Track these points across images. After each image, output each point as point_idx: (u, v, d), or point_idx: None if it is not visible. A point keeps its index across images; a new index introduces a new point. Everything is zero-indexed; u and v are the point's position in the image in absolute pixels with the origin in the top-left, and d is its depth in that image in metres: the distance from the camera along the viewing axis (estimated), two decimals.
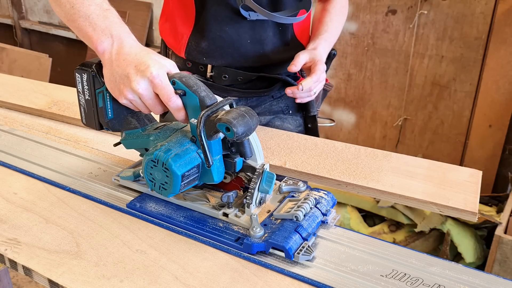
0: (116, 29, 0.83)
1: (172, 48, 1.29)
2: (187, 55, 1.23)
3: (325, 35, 1.22)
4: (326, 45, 1.21)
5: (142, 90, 0.79)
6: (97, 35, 0.83)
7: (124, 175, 0.92)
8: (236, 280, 0.71)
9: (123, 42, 0.82)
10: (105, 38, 0.83)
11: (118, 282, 0.70)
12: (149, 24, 3.52)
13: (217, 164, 0.79)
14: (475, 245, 2.21)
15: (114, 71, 0.81)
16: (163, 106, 0.82)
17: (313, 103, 1.28)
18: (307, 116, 1.31)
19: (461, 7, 2.37)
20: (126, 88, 0.80)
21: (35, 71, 3.72)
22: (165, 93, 0.78)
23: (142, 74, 0.78)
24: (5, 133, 1.17)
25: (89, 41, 0.85)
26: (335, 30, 1.27)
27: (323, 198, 0.85)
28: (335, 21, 1.27)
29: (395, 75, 2.66)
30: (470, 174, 1.00)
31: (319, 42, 1.20)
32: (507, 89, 2.32)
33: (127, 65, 0.80)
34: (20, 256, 0.75)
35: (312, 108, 1.29)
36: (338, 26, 1.28)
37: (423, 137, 2.70)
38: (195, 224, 0.81)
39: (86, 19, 0.85)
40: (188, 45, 1.22)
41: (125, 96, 0.81)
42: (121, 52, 0.81)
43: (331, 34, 1.24)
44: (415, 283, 0.70)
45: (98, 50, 0.84)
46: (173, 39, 1.26)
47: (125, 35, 0.84)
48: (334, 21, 1.26)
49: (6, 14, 4.46)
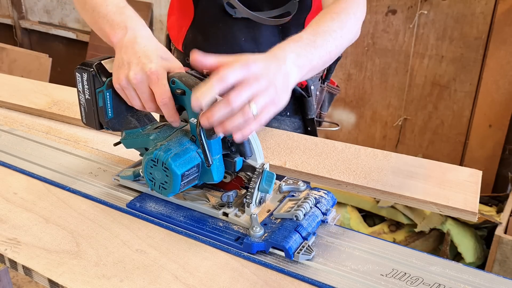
0: (131, 22, 0.85)
1: (174, 41, 1.30)
2: (184, 48, 1.24)
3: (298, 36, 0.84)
4: (294, 45, 0.81)
5: (137, 81, 0.78)
6: (113, 29, 0.86)
7: (124, 175, 0.92)
8: (236, 280, 0.71)
9: (136, 33, 0.83)
10: (119, 30, 0.85)
11: (118, 282, 0.70)
12: (149, 24, 3.52)
13: (217, 164, 0.79)
14: (475, 245, 2.22)
15: (121, 57, 0.81)
16: (156, 104, 0.81)
17: (311, 105, 1.26)
18: (305, 119, 1.29)
19: (461, 7, 2.37)
20: (123, 75, 0.80)
21: (35, 71, 3.72)
22: (159, 91, 0.78)
23: (142, 66, 0.78)
24: (5, 133, 1.17)
25: (107, 38, 0.87)
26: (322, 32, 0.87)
27: (323, 198, 0.85)
28: (322, 23, 0.90)
29: (395, 75, 2.66)
30: (470, 174, 1.00)
31: (280, 44, 0.81)
32: (507, 89, 2.32)
33: (133, 53, 0.80)
34: (20, 256, 0.75)
35: (310, 110, 1.27)
36: (328, 29, 0.88)
37: (423, 137, 2.70)
38: (195, 223, 0.81)
39: (104, 17, 0.88)
40: (186, 38, 1.23)
41: (119, 82, 0.80)
42: (133, 41, 0.82)
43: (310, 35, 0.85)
44: (415, 283, 0.70)
45: (113, 42, 0.85)
46: (175, 31, 1.28)
47: (139, 27, 0.85)
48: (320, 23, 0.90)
49: (6, 14, 4.46)
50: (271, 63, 0.73)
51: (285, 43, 0.81)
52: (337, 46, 0.89)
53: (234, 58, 0.72)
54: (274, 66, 0.74)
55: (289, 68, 0.76)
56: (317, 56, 0.83)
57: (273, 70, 0.73)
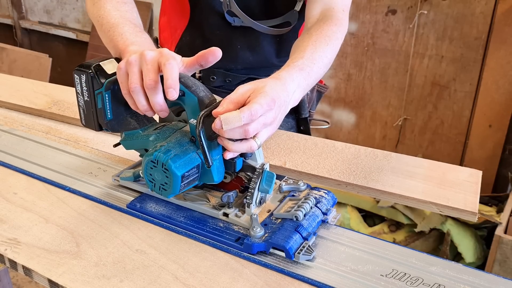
0: (144, 46, 0.87)
1: (165, 42, 1.29)
2: (178, 50, 1.23)
3: (300, 62, 0.89)
4: (298, 75, 0.86)
5: (131, 60, 0.77)
6: (126, 44, 0.87)
7: (124, 176, 0.92)
8: (236, 280, 0.71)
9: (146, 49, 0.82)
10: (132, 46, 0.86)
11: (118, 282, 0.70)
12: (149, 24, 3.52)
13: (217, 164, 0.79)
14: (475, 245, 2.22)
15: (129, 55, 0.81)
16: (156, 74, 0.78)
17: (304, 105, 1.27)
18: (299, 118, 1.29)
19: (461, 7, 2.37)
20: (134, 54, 0.79)
21: (35, 71, 3.72)
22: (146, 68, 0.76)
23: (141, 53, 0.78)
24: (5, 133, 1.17)
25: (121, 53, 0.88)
26: (318, 59, 0.92)
27: (323, 197, 0.85)
28: (318, 48, 0.93)
29: (395, 75, 2.66)
30: (470, 174, 1.00)
31: (288, 70, 0.86)
32: (507, 89, 2.32)
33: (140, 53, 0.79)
34: (20, 256, 0.75)
35: (303, 110, 1.27)
36: (322, 55, 0.93)
37: (423, 137, 2.70)
38: (195, 224, 0.81)
39: (120, 36, 0.90)
40: (181, 40, 1.22)
41: (127, 58, 0.79)
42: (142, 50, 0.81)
43: (309, 62, 0.90)
44: (415, 283, 0.70)
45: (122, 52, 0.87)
46: (167, 32, 1.27)
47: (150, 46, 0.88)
48: (317, 48, 0.93)
49: (6, 14, 4.46)
50: (283, 99, 0.78)
51: (293, 71, 0.86)
52: (324, 71, 0.96)
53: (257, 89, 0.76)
54: (283, 101, 0.79)
55: (291, 102, 0.84)
56: (311, 83, 0.91)
57: (283, 107, 0.79)
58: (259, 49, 1.20)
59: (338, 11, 1.04)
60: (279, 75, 0.83)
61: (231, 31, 1.17)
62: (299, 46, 0.95)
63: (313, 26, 1.02)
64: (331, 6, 1.04)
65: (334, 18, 1.02)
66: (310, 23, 1.05)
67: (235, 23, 1.15)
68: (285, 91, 0.80)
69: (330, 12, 1.03)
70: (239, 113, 0.70)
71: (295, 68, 0.86)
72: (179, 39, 1.23)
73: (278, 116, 0.78)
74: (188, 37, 1.22)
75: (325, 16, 1.03)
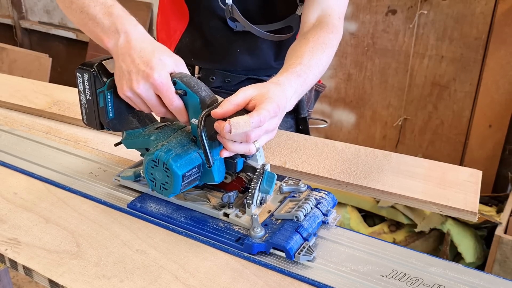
0: (121, 23, 0.83)
1: (163, 43, 1.28)
2: (177, 51, 1.23)
3: (298, 68, 0.89)
4: (296, 81, 0.87)
5: (141, 91, 0.79)
6: (105, 34, 0.84)
7: (125, 175, 0.92)
8: (236, 280, 0.71)
9: (129, 36, 0.81)
10: (112, 35, 0.83)
11: (118, 282, 0.70)
12: (149, 24, 3.52)
13: (218, 164, 0.79)
14: (475, 245, 2.22)
15: (120, 65, 0.81)
16: (165, 108, 0.81)
17: (304, 104, 1.27)
18: (298, 118, 1.30)
19: (461, 7, 2.37)
20: (127, 86, 0.80)
21: (35, 71, 3.72)
22: (167, 96, 0.78)
23: (143, 75, 0.78)
24: (5, 133, 1.17)
25: (101, 42, 0.86)
26: (314, 66, 0.92)
27: (323, 199, 0.85)
28: (314, 55, 0.94)
29: (395, 75, 2.66)
30: (470, 174, 1.00)
31: (287, 75, 0.86)
32: (507, 89, 2.32)
33: (131, 61, 0.79)
34: (20, 256, 0.75)
35: (303, 110, 1.27)
36: (318, 62, 0.94)
37: (423, 137, 2.71)
38: (196, 224, 0.81)
39: (94, 20, 0.85)
40: (181, 41, 1.22)
41: (124, 94, 0.81)
42: (127, 46, 0.81)
43: (306, 68, 0.90)
44: (415, 283, 0.70)
45: (108, 48, 0.84)
46: (165, 33, 1.26)
47: (131, 27, 0.83)
48: (314, 54, 0.94)
49: (6, 14, 4.46)
50: (283, 105, 0.80)
51: (291, 76, 0.87)
52: (318, 78, 0.96)
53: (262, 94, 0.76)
54: (283, 106, 0.80)
55: (288, 107, 0.85)
56: (305, 90, 0.91)
57: (282, 112, 0.80)
58: (258, 52, 1.20)
59: (335, 18, 1.04)
60: (278, 80, 0.84)
61: (232, 35, 1.17)
62: (296, 51, 0.95)
63: (309, 31, 1.02)
64: (328, 13, 1.05)
65: (331, 25, 1.02)
66: (306, 28, 1.05)
67: (237, 28, 1.15)
68: (284, 97, 0.81)
69: (326, 18, 1.04)
70: (249, 118, 0.71)
71: (293, 74, 0.87)
72: (179, 41, 1.23)
73: (278, 124, 0.81)
74: (188, 38, 1.21)
75: (321, 22, 1.03)
